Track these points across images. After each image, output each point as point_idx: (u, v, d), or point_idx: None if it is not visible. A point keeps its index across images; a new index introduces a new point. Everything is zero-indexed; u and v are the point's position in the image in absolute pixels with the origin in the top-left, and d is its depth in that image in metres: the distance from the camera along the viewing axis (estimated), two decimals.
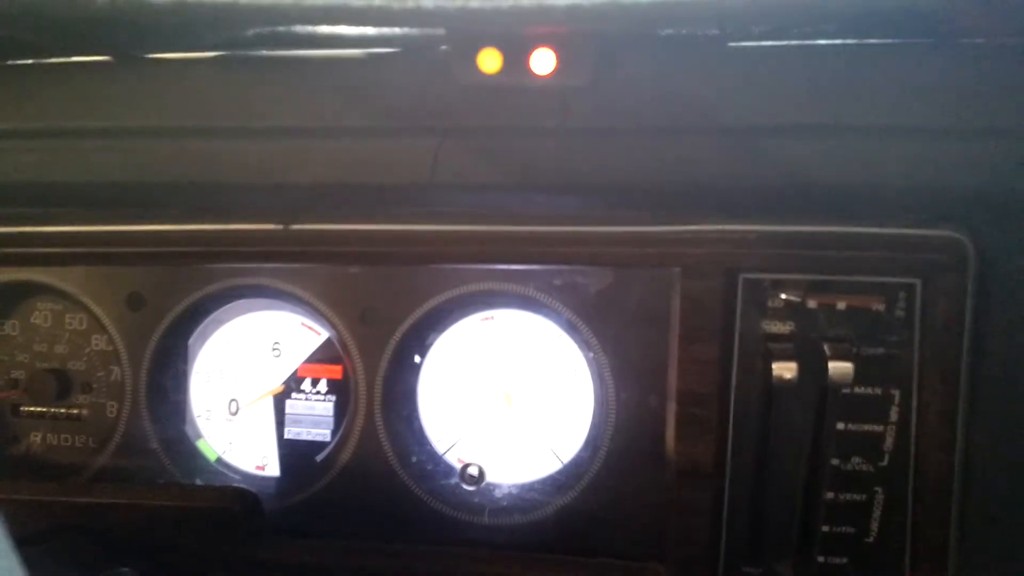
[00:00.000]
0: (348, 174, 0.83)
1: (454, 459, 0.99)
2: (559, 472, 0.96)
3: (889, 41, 0.78)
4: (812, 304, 0.85)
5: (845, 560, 0.87)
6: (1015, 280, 0.80)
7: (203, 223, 0.91)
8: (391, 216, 0.88)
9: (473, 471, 0.96)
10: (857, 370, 0.79)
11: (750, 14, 0.64)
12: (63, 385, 1.02)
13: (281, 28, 0.86)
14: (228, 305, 1.01)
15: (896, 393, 0.84)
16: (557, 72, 0.76)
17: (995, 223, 0.80)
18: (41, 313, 1.04)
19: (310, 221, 0.89)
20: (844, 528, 0.86)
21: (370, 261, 0.93)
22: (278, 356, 1.02)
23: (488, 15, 0.63)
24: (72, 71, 0.87)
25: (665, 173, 0.79)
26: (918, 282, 0.83)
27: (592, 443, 0.95)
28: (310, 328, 1.01)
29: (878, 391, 0.84)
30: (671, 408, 0.87)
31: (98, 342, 1.02)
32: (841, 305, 0.85)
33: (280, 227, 0.90)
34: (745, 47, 0.81)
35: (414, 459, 0.97)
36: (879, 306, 0.84)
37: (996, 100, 0.74)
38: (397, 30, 0.83)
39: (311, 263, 0.95)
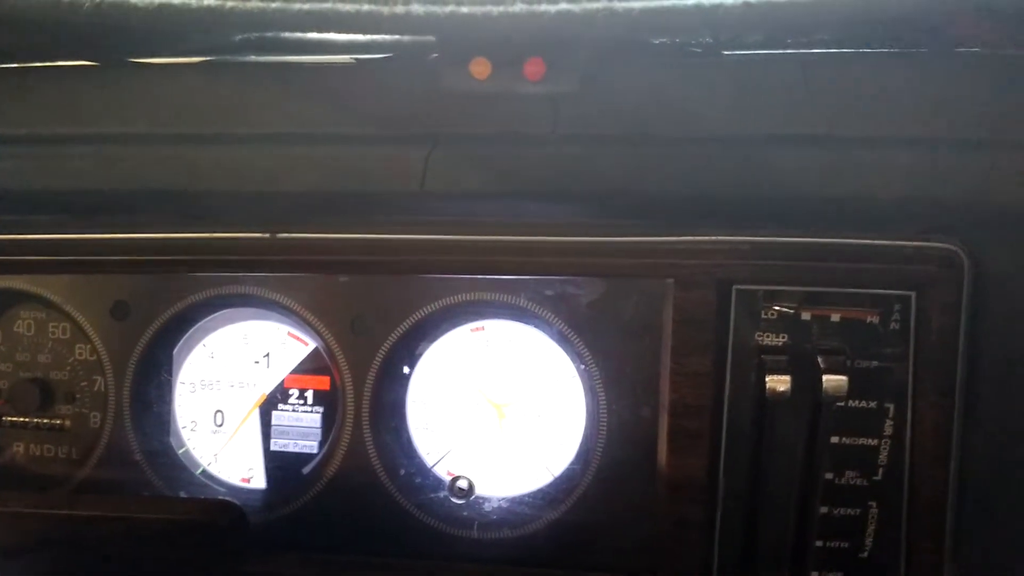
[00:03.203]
0: (337, 182, 0.82)
1: (443, 472, 0.98)
2: (550, 485, 0.95)
3: (884, 51, 0.78)
4: (806, 316, 0.84)
5: (839, 575, 0.86)
6: (1010, 292, 0.80)
7: (189, 231, 0.90)
8: (380, 225, 0.87)
9: (462, 484, 0.94)
10: (851, 383, 0.79)
11: (744, 23, 0.63)
12: (46, 395, 1.01)
13: (269, 34, 0.85)
14: (214, 315, 1.00)
15: (891, 406, 0.84)
16: (547, 79, 0.76)
17: (990, 235, 0.79)
18: (24, 322, 1.02)
19: (298, 230, 0.88)
20: (838, 543, 0.86)
21: (359, 270, 0.92)
22: (265, 367, 1.00)
23: (479, 22, 0.62)
24: (56, 76, 0.86)
25: (658, 182, 0.79)
26: (913, 294, 0.82)
27: (583, 456, 0.93)
28: (297, 338, 1.00)
29: (872, 404, 0.84)
30: (663, 421, 0.86)
31: (82, 351, 1.01)
32: (835, 317, 0.84)
33: (267, 235, 0.89)
34: (738, 55, 0.80)
35: (402, 472, 0.96)
36: (873, 318, 0.83)
37: (991, 111, 0.74)
38: (386, 37, 0.83)
39: (298, 272, 0.93)
